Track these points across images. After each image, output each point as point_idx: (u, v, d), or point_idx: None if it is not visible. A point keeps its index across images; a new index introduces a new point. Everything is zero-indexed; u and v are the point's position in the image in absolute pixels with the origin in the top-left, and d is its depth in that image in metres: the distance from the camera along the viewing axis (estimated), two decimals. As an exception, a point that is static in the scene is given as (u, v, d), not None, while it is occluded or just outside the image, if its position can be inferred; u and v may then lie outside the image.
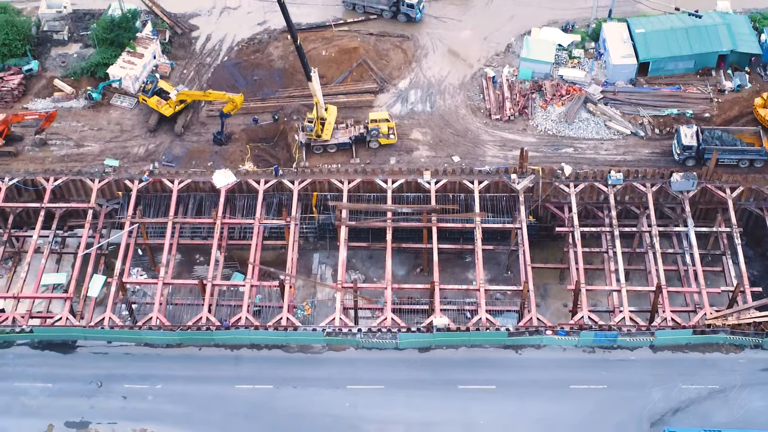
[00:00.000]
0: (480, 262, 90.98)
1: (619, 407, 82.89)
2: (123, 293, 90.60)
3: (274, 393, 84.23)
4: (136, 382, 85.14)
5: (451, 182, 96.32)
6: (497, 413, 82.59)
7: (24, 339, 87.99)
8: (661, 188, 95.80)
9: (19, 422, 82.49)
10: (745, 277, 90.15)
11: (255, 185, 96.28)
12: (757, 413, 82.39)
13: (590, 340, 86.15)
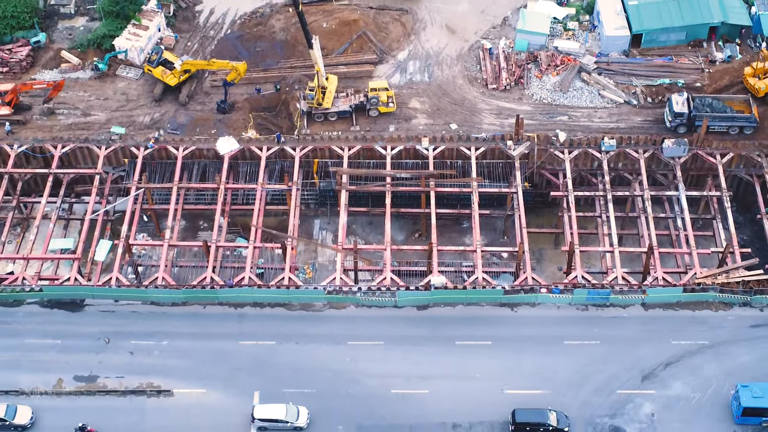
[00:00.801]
0: (477, 225, 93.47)
1: (612, 361, 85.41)
2: (129, 255, 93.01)
3: (276, 349, 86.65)
4: (143, 338, 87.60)
5: (449, 149, 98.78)
6: (493, 367, 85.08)
7: (34, 298, 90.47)
8: (653, 155, 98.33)
9: (29, 377, 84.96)
10: (734, 238, 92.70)
11: (257, 152, 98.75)
12: (745, 367, 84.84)
13: (583, 298, 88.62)
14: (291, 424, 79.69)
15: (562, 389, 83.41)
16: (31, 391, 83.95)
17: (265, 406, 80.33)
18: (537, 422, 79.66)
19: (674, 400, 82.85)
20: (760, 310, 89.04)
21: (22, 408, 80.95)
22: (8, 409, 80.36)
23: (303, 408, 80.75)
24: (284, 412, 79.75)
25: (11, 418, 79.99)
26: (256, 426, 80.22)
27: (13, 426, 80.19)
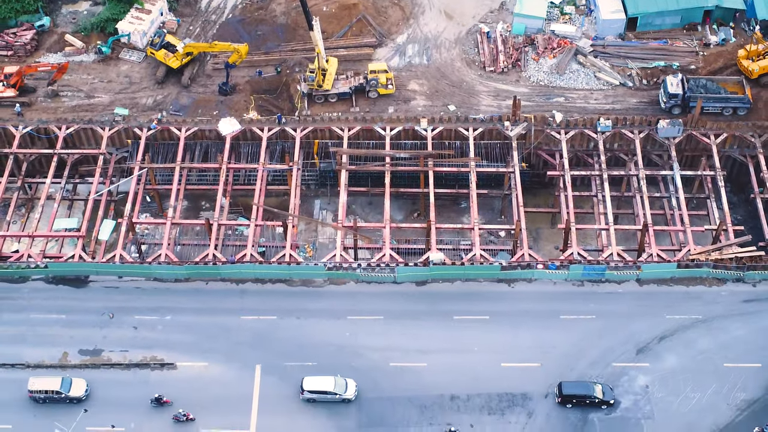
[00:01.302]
0: (474, 204, 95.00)
1: (607, 335, 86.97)
2: (133, 233, 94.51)
3: (278, 323, 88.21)
4: (146, 313, 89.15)
5: (447, 130, 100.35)
6: (491, 341, 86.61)
7: (39, 274, 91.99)
8: (649, 135, 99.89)
9: (35, 351, 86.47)
10: (727, 216, 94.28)
11: (259, 133, 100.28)
12: (738, 341, 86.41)
13: (579, 273, 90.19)
14: (339, 395, 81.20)
15: (559, 362, 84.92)
16: (36, 364, 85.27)
17: (314, 378, 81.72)
18: (583, 394, 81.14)
19: (668, 373, 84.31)
20: (752, 285, 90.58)
21: (77, 381, 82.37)
22: (63, 381, 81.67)
23: (351, 380, 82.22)
24: (333, 384, 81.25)
25: (67, 390, 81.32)
26: (305, 398, 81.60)
27: (69, 398, 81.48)
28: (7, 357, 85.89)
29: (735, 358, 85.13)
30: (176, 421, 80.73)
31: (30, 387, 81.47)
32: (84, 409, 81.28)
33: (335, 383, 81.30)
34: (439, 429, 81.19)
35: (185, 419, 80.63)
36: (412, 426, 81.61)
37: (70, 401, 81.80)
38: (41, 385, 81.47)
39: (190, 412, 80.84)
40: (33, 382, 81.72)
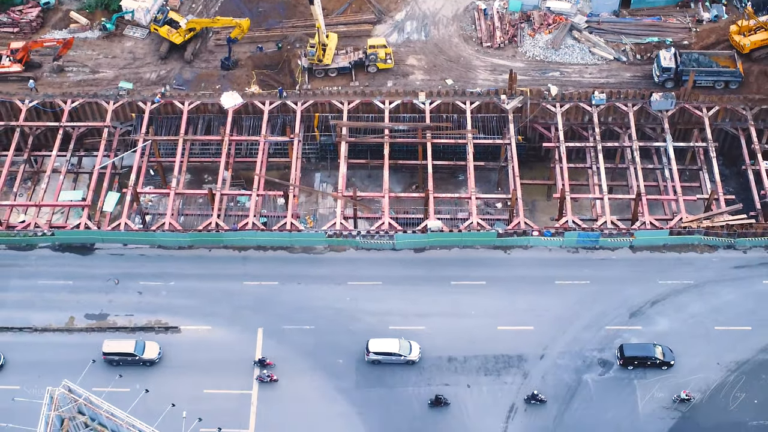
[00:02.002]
0: (471, 175, 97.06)
1: (601, 300, 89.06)
2: (137, 204, 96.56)
3: (279, 289, 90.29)
4: (151, 279, 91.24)
5: (445, 103, 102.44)
6: (487, 305, 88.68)
7: (46, 242, 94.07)
8: (642, 108, 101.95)
9: (42, 315, 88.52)
10: (719, 186, 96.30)
11: (260, 106, 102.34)
12: (729, 305, 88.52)
13: (574, 240, 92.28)
14: (404, 357, 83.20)
15: (553, 325, 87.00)
16: (43, 327, 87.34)
17: (379, 340, 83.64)
18: (644, 356, 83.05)
19: (661, 335, 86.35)
20: (743, 252, 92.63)
21: (150, 344, 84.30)
22: (137, 344, 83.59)
23: (415, 343, 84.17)
24: (397, 346, 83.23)
25: (140, 353, 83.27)
26: (371, 359, 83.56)
27: (143, 361, 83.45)
28: (16, 321, 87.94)
29: (726, 321, 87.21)
30: (261, 382, 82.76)
31: (104, 349, 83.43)
32: (119, 375, 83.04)
33: (400, 345, 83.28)
34: (437, 390, 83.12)
35: (269, 380, 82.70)
36: (410, 386, 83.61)
37: (143, 363, 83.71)
38: (115, 347, 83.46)
39: (273, 374, 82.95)
40: (108, 344, 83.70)
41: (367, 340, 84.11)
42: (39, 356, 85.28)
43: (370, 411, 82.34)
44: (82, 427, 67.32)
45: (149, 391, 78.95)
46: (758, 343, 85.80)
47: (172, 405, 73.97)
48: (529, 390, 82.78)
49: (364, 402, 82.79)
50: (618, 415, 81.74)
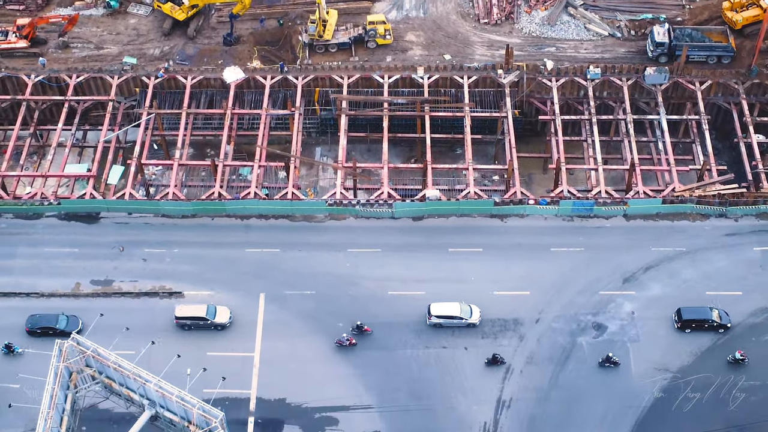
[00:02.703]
0: (469, 146, 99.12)
1: (595, 266, 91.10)
2: (141, 175, 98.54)
3: (281, 255, 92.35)
4: (155, 247, 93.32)
5: (443, 78, 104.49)
6: (484, 271, 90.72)
7: (52, 211, 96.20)
8: (636, 82, 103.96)
9: (49, 281, 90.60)
10: (711, 156, 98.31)
11: (262, 81, 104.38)
12: (718, 271, 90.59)
13: (569, 209, 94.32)
14: (465, 320, 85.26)
15: (549, 290, 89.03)
16: (50, 293, 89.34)
17: (441, 304, 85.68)
18: (702, 319, 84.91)
19: (653, 300, 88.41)
20: (735, 220, 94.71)
21: (221, 308, 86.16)
22: (209, 309, 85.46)
23: (475, 306, 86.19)
24: (459, 310, 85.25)
25: (212, 317, 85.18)
26: (432, 323, 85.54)
27: (214, 324, 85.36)
28: (23, 287, 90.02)
29: (717, 286, 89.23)
30: (339, 345, 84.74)
31: (177, 314, 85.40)
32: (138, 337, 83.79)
33: (461, 309, 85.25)
34: (434, 351, 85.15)
35: (348, 344, 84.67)
36: (408, 348, 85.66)
37: (214, 327, 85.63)
38: (187, 311, 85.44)
39: (353, 338, 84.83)
40: (180, 309, 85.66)
41: (429, 305, 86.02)
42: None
43: (369, 372, 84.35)
44: (90, 380, 69.28)
45: (154, 343, 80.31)
46: (748, 308, 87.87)
47: (178, 356, 75.90)
48: (525, 352, 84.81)
49: (363, 364, 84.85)
50: (611, 376, 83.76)
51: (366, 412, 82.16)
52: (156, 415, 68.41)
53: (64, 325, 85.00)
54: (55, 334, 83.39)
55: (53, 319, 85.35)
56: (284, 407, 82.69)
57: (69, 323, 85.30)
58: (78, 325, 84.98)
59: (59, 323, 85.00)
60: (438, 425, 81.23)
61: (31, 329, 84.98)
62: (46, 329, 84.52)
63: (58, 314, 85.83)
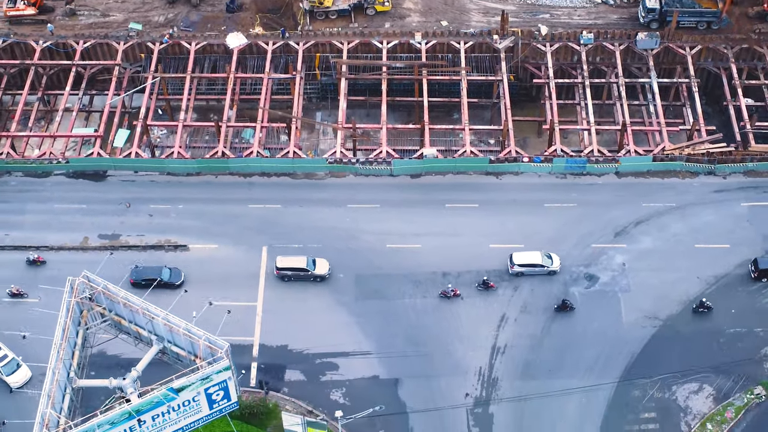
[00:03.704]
0: (465, 108, 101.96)
1: (587, 221, 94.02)
2: (147, 136, 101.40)
3: (282, 211, 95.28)
4: (160, 203, 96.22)
5: (440, 43, 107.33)
6: (480, 226, 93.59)
7: (60, 169, 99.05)
8: (628, 48, 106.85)
9: (58, 235, 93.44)
10: (700, 117, 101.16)
11: (264, 46, 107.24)
12: (707, 225, 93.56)
13: (562, 167, 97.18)
14: (546, 268, 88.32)
15: (542, 244, 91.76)
16: (59, 246, 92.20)
17: (523, 253, 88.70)
18: None
19: (644, 252, 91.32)
20: (723, 177, 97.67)
21: (320, 260, 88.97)
22: (308, 261, 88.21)
23: (555, 255, 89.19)
24: (540, 258, 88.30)
25: (312, 268, 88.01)
26: (515, 271, 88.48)
27: (314, 276, 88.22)
28: (33, 240, 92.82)
29: (705, 239, 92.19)
30: (444, 297, 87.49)
31: (278, 264, 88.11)
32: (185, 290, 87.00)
33: (542, 257, 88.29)
34: (432, 301, 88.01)
35: (453, 294, 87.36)
36: (407, 298, 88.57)
37: (314, 278, 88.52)
38: (288, 263, 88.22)
39: (457, 289, 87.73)
40: (280, 260, 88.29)
41: (510, 254, 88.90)
42: (55, 272, 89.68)
43: (368, 321, 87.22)
44: (99, 317, 72.07)
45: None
46: (736, 259, 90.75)
47: (185, 291, 78.69)
48: (519, 302, 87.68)
49: (363, 312, 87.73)
50: (603, 324, 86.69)
51: (365, 357, 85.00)
52: (163, 350, 71.19)
53: (167, 276, 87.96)
54: (159, 285, 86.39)
55: (157, 271, 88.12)
56: (286, 353, 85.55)
57: (172, 275, 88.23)
58: (180, 277, 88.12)
59: (163, 275, 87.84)
60: (434, 370, 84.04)
61: (136, 280, 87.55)
62: (150, 280, 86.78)
63: (161, 266, 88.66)
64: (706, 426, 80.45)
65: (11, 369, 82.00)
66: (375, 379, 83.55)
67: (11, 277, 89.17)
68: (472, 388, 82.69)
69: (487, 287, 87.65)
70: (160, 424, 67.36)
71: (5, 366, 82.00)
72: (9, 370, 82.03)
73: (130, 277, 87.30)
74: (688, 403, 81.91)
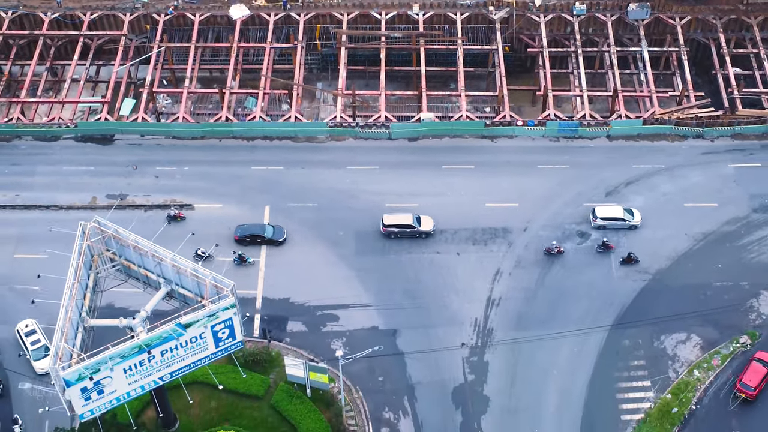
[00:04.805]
0: (461, 75, 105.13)
1: (580, 181, 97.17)
2: (153, 103, 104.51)
3: (284, 172, 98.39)
4: (166, 165, 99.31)
5: (437, 14, 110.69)
6: (475, 186, 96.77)
7: (69, 134, 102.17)
8: (620, 18, 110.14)
9: (67, 195, 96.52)
10: (690, 84, 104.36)
11: (266, 17, 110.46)
12: (695, 185, 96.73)
13: (555, 130, 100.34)
14: (627, 222, 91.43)
15: (536, 203, 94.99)
16: (68, 206, 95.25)
17: (605, 206, 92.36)
18: None
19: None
20: (711, 141, 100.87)
21: (425, 218, 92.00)
22: (413, 217, 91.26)
23: (636, 210, 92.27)
24: (621, 212, 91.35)
25: (417, 225, 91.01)
26: (597, 224, 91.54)
27: (419, 232, 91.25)
28: (43, 200, 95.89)
29: (693, 198, 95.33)
30: (548, 253, 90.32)
31: (385, 222, 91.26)
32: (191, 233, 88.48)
33: (623, 211, 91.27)
34: (428, 256, 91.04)
35: (556, 251, 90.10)
36: (404, 254, 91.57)
37: (419, 235, 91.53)
38: (394, 220, 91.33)
39: (560, 246, 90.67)
40: (387, 217, 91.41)
41: (593, 208, 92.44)
42: (66, 229, 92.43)
43: (367, 275, 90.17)
44: (108, 261, 74.93)
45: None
46: (723, 217, 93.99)
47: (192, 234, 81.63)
48: (514, 257, 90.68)
49: (363, 267, 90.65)
50: (593, 277, 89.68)
51: (364, 309, 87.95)
52: (171, 294, 74.09)
53: (270, 233, 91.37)
54: (263, 242, 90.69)
55: (261, 228, 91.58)
56: (288, 306, 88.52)
57: (275, 232, 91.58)
58: (283, 234, 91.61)
59: (266, 232, 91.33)
60: (431, 321, 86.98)
61: (240, 237, 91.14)
62: (254, 237, 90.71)
63: (264, 224, 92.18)
64: (693, 372, 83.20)
65: (39, 355, 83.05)
66: (374, 329, 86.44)
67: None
68: (468, 338, 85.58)
69: (607, 248, 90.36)
70: (168, 360, 70.09)
71: (35, 350, 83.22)
72: (37, 355, 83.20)
73: (234, 234, 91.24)
74: (676, 352, 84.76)
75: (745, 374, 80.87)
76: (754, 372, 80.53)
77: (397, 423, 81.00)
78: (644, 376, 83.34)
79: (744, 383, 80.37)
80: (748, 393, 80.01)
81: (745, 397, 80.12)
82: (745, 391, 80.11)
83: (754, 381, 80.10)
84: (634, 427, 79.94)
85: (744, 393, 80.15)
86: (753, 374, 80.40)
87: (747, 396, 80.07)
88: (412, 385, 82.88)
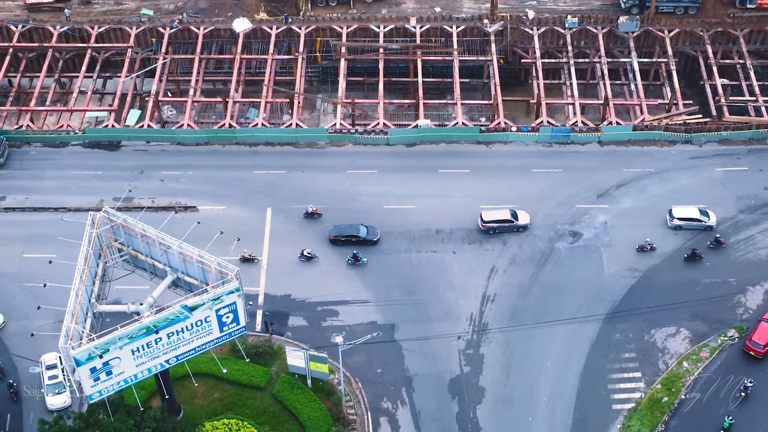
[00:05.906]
0: (457, 85, 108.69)
1: (571, 184, 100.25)
2: (158, 111, 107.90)
3: (286, 176, 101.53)
4: (171, 169, 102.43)
5: (433, 27, 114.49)
6: (471, 188, 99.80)
7: (77, 140, 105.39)
8: (610, 31, 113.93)
9: (75, 198, 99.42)
10: (678, 92, 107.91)
11: (268, 30, 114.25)
12: (684, 187, 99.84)
13: (548, 136, 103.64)
14: (704, 223, 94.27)
15: (530, 204, 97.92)
16: (77, 207, 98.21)
17: (682, 207, 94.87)
18: None
19: (624, 212, 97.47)
20: (699, 145, 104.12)
21: (521, 212, 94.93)
22: (511, 212, 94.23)
23: (711, 212, 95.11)
24: (698, 213, 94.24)
25: (515, 219, 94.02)
26: (674, 224, 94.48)
27: (517, 226, 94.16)
28: (52, 203, 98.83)
29: (682, 200, 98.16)
30: (640, 250, 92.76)
31: (484, 218, 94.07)
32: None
33: (699, 212, 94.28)
34: (426, 255, 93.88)
35: (649, 248, 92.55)
36: (402, 252, 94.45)
37: (517, 229, 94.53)
38: (494, 216, 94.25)
39: (653, 243, 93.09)
40: (486, 213, 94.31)
41: (670, 208, 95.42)
42: (73, 230, 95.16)
43: (366, 273, 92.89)
44: (117, 251, 77.75)
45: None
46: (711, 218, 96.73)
47: (198, 222, 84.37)
48: (508, 255, 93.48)
49: (362, 265, 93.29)
50: (586, 274, 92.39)
51: (363, 305, 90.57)
52: (177, 283, 76.81)
53: (364, 234, 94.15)
54: (358, 242, 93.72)
55: (355, 228, 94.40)
56: (289, 302, 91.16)
57: (369, 232, 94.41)
58: (377, 234, 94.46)
59: (360, 232, 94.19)
60: (428, 316, 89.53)
61: (336, 237, 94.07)
62: (349, 237, 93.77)
63: (359, 224, 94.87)
64: (683, 364, 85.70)
65: (54, 390, 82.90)
66: (373, 324, 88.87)
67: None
68: (464, 332, 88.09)
69: (719, 244, 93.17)
70: (174, 343, 72.64)
71: (50, 385, 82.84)
72: (52, 390, 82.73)
73: (330, 234, 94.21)
74: (666, 344, 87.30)
75: (754, 333, 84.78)
76: (763, 331, 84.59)
77: (395, 412, 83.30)
78: (635, 368, 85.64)
79: (753, 341, 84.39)
80: (757, 351, 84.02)
81: (754, 354, 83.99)
82: (755, 348, 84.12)
83: (764, 339, 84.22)
84: (625, 416, 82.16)
85: (753, 351, 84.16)
86: (762, 333, 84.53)
87: (756, 354, 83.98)
88: (409, 377, 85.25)
